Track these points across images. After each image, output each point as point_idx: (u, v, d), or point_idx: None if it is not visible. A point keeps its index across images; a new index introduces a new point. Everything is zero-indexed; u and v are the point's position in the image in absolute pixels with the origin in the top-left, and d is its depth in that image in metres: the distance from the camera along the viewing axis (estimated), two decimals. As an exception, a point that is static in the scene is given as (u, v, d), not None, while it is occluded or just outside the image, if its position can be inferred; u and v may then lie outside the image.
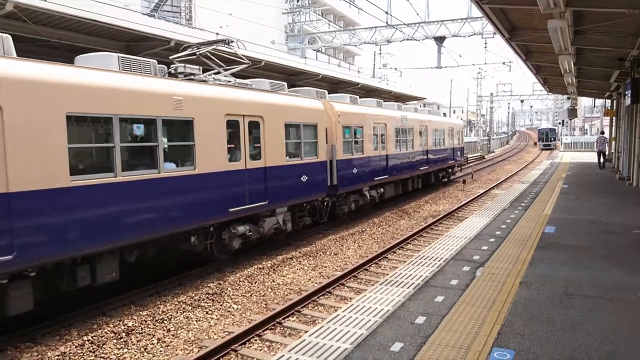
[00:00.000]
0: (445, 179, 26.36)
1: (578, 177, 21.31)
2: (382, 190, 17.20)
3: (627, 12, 9.27)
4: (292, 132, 12.04)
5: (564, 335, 4.85)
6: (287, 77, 19.57)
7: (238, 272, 10.02)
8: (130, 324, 7.36)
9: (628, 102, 15.11)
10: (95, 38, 12.18)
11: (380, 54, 46.66)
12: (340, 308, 6.20)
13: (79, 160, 7.25)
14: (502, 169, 36.01)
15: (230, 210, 9.80)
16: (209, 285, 9.15)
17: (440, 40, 26.98)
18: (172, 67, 9.76)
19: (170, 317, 7.76)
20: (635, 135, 17.50)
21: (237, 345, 6.77)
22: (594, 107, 57.76)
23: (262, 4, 33.51)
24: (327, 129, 13.54)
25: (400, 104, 22.04)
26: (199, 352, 6.56)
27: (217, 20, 28.87)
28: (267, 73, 17.44)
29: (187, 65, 9.84)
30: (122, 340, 6.93)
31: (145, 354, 6.63)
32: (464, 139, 31.65)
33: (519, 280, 6.61)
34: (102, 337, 6.94)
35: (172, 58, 10.65)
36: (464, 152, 31.80)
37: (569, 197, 14.80)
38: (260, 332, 7.24)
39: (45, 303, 7.27)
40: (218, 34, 16.32)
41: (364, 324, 5.41)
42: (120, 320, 7.50)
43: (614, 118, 27.77)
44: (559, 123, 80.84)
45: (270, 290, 9.20)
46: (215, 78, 10.43)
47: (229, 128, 9.84)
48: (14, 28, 9.92)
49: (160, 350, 6.74)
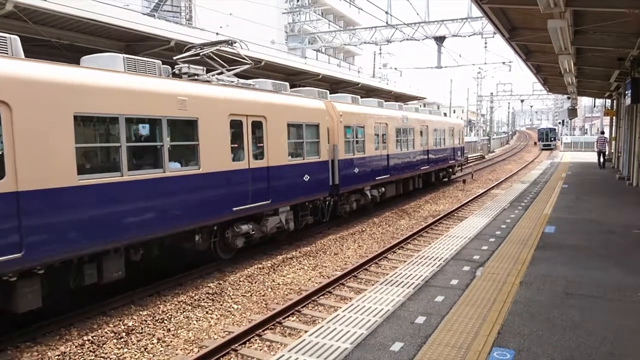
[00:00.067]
0: (446, 179, 26.40)
1: (578, 176, 21.30)
2: (383, 190, 17.23)
3: (627, 12, 9.27)
4: (294, 132, 12.09)
5: (564, 335, 4.85)
6: (287, 77, 19.55)
7: (238, 272, 10.03)
8: (131, 324, 7.37)
9: (628, 101, 15.10)
10: (96, 38, 12.19)
11: (380, 54, 46.73)
12: (340, 308, 6.20)
13: (86, 160, 7.34)
14: (502, 169, 36.01)
15: (234, 209, 9.84)
16: (209, 285, 9.16)
17: (440, 40, 26.97)
18: (176, 67, 9.79)
19: (171, 316, 7.76)
20: (635, 135, 17.49)
21: (237, 345, 6.78)
22: (594, 107, 57.70)
23: (262, 4, 33.50)
24: (329, 129, 13.57)
25: (401, 104, 22.05)
26: (199, 351, 6.57)
27: (217, 20, 28.86)
28: (267, 73, 17.43)
29: (191, 66, 9.86)
30: (122, 340, 6.93)
31: (146, 354, 6.63)
32: (464, 139, 31.66)
33: (519, 280, 6.61)
34: (102, 336, 6.95)
35: (176, 59, 10.66)
36: (464, 151, 31.81)
37: (569, 196, 14.79)
38: (260, 331, 7.25)
39: (47, 302, 7.27)
40: (218, 34, 16.35)
41: (364, 324, 5.42)
42: (121, 320, 7.51)
43: (614, 118, 27.78)
44: (559, 123, 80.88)
45: (271, 290, 9.20)
46: (219, 78, 10.44)
47: (233, 128, 9.88)
48: (14, 28, 9.92)
49: (160, 350, 6.75)
